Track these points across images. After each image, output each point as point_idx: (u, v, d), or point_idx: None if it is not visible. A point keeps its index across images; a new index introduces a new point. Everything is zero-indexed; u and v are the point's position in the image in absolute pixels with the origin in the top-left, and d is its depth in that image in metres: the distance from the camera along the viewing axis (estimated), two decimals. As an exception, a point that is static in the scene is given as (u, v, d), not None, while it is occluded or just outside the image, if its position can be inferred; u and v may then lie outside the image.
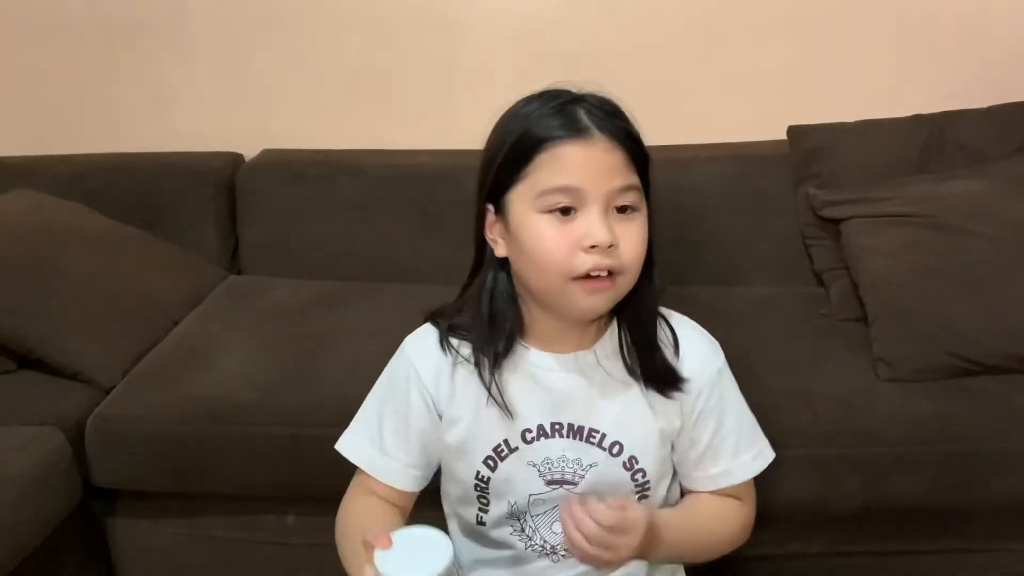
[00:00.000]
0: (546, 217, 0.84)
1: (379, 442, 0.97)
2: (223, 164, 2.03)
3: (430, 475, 1.00)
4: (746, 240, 1.85)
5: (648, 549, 0.88)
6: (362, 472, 0.98)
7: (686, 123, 1.96)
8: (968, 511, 1.40)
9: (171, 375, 1.57)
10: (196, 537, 1.57)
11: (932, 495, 1.36)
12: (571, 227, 0.84)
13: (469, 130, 0.93)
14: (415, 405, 0.95)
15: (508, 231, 0.88)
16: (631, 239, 0.85)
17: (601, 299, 0.87)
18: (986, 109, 1.80)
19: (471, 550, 1.01)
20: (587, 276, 0.85)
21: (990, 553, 1.45)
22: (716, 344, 0.98)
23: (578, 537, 0.83)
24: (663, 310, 0.96)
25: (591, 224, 0.83)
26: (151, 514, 1.56)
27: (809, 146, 1.83)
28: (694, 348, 0.95)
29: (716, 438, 0.95)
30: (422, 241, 1.90)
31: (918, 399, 1.41)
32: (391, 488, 0.97)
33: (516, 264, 0.89)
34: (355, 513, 0.97)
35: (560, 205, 0.84)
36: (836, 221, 1.72)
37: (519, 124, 0.86)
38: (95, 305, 1.66)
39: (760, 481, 0.97)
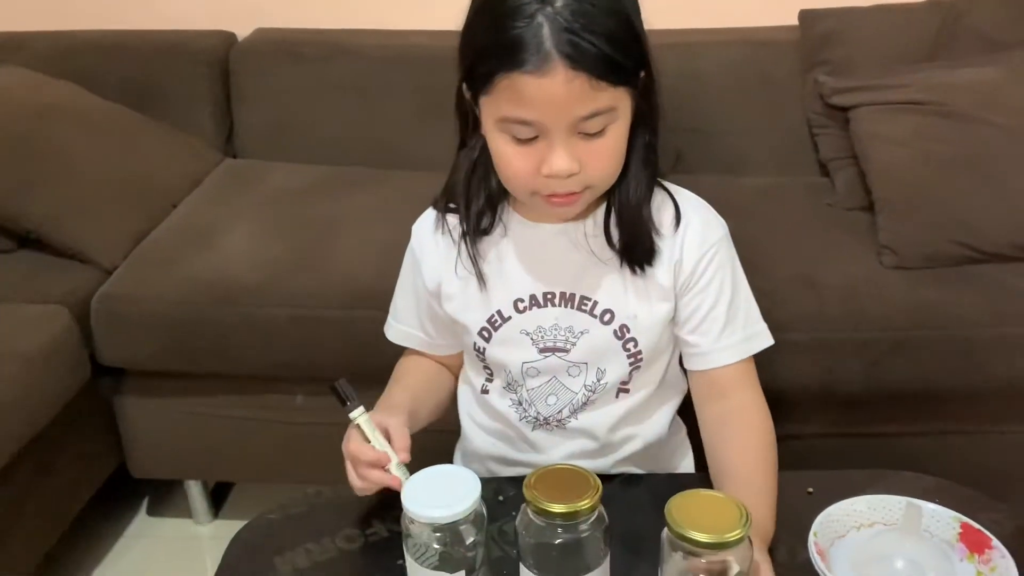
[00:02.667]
0: (507, 138, 0.83)
1: (396, 313, 1.06)
2: (215, 43, 1.96)
3: (444, 343, 1.04)
4: (753, 129, 1.82)
5: (765, 539, 0.84)
6: None
7: (694, 7, 1.90)
8: (965, 394, 1.43)
9: (173, 257, 1.57)
10: (204, 416, 1.59)
11: (930, 379, 1.39)
12: (532, 151, 0.82)
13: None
14: (417, 285, 1.00)
15: (483, 127, 0.87)
16: (599, 159, 0.84)
17: (570, 209, 0.88)
18: (1004, -6, 1.75)
19: (476, 416, 1.05)
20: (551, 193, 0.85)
21: (984, 435, 1.48)
22: (720, 219, 0.96)
23: None
24: (669, 185, 0.95)
25: (551, 153, 0.82)
26: (159, 393, 1.58)
27: (821, 31, 1.78)
28: (696, 219, 0.94)
29: (711, 313, 0.93)
30: (423, 125, 1.84)
31: (921, 286, 1.43)
32: (414, 349, 1.05)
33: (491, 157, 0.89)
34: (403, 361, 1.07)
35: (520, 136, 0.82)
36: (845, 109, 1.69)
37: (483, 31, 0.82)
38: (93, 185, 1.64)
39: (763, 364, 0.99)
